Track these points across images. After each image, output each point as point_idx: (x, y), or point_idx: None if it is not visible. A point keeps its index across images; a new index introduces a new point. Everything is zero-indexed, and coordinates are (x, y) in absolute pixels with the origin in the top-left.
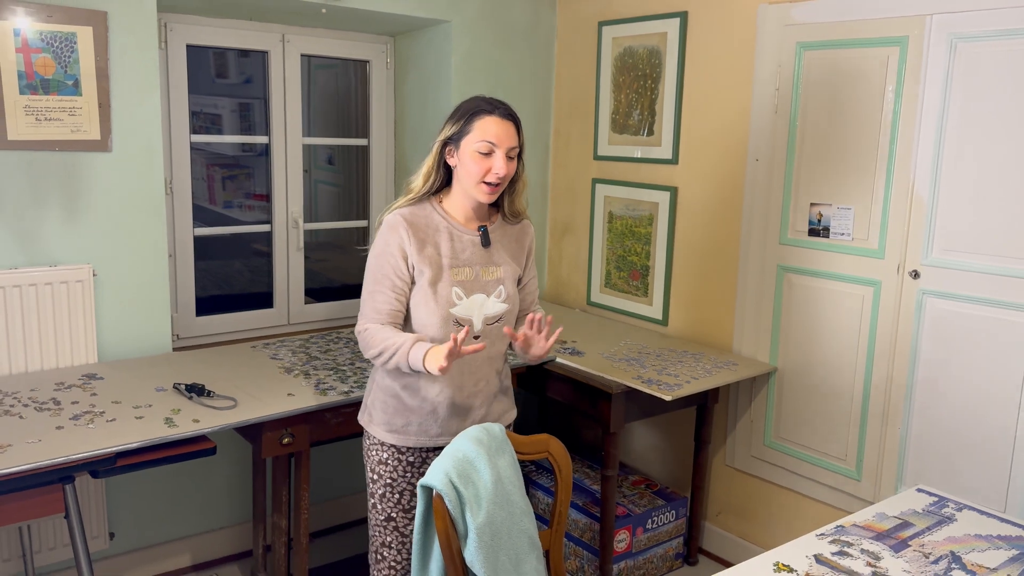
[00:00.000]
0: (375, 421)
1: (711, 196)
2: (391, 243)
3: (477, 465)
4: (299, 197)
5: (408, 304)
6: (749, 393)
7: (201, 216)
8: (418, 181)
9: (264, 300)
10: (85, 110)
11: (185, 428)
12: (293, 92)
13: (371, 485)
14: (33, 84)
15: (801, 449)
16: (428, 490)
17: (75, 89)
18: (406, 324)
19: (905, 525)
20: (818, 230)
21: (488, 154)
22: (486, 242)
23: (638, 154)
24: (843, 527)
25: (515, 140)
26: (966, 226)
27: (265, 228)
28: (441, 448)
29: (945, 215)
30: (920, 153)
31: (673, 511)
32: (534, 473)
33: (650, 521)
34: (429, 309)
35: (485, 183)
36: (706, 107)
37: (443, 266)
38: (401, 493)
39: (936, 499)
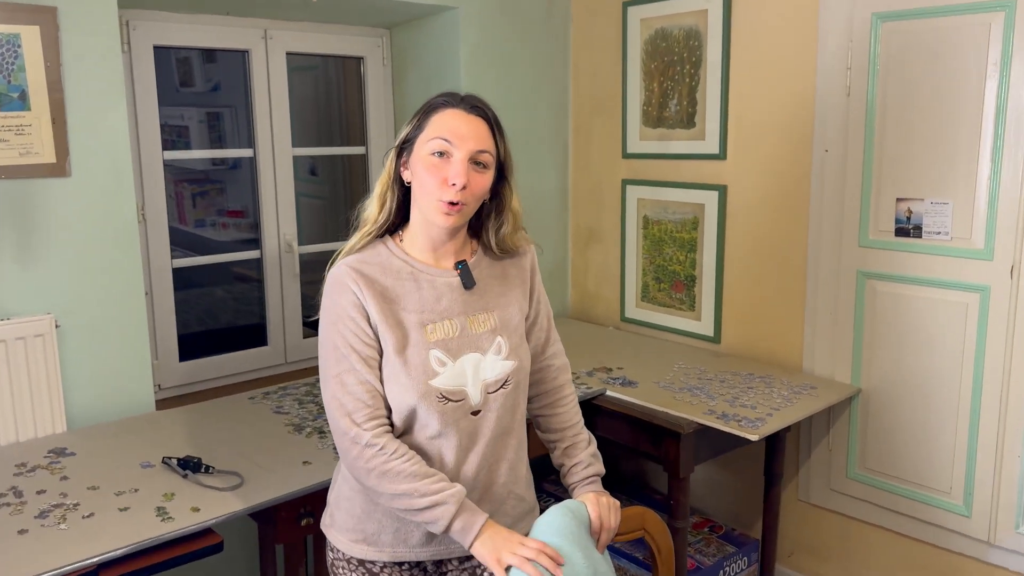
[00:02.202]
0: (338, 526)
1: (769, 193)
2: (342, 303)
3: (573, 560)
4: (291, 217)
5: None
6: (826, 418)
7: (172, 238)
8: (371, 208)
9: (254, 334)
10: (36, 128)
11: (183, 521)
12: (279, 97)
13: None
14: None
15: (893, 481)
16: None
17: (22, 103)
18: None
19: None
20: (907, 229)
21: (444, 155)
22: (468, 282)
23: (677, 150)
24: None
25: (485, 143)
26: None
27: (254, 254)
28: (424, 562)
29: None
30: None
31: (745, 558)
32: None
33: (722, 573)
34: (400, 385)
35: (441, 200)
36: (758, 93)
37: (411, 325)
38: None
39: None
